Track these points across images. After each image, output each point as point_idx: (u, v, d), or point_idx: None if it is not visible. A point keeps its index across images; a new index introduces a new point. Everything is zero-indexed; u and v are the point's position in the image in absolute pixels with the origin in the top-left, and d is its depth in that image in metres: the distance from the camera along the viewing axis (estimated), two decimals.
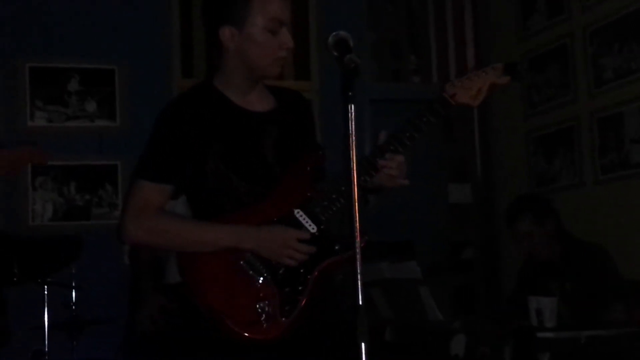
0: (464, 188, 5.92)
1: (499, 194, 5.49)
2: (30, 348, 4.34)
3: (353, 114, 1.91)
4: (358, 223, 1.88)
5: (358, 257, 1.87)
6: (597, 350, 3.12)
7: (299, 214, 2.30)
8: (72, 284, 4.38)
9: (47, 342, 4.24)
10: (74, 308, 4.35)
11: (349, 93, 1.93)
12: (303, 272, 2.27)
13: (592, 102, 4.77)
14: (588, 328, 3.20)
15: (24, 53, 4.90)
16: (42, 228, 4.79)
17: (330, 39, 2.05)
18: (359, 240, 1.88)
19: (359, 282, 1.85)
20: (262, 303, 2.23)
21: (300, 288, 2.26)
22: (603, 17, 4.66)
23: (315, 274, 2.27)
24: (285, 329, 2.23)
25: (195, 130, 2.30)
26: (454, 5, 5.81)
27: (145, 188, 2.30)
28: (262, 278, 2.25)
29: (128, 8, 5.08)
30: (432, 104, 2.39)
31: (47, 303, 4.29)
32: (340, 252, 2.28)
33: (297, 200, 2.32)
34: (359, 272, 1.86)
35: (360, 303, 1.84)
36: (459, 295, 5.77)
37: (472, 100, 2.43)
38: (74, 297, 4.37)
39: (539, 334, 3.17)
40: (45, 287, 4.31)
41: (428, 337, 3.66)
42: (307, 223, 2.29)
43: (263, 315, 2.22)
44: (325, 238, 2.30)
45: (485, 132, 5.72)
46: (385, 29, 5.81)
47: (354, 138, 1.91)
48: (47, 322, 4.27)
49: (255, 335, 2.21)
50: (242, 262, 2.26)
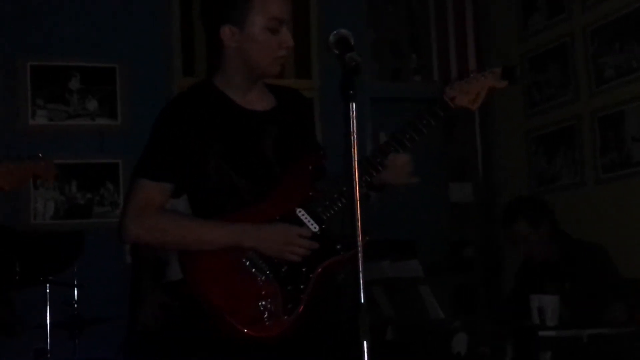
0: (465, 187, 5.91)
1: (500, 194, 5.48)
2: (32, 346, 4.35)
3: (354, 113, 1.91)
4: (360, 222, 1.88)
5: (360, 256, 1.87)
6: (599, 349, 3.12)
7: (301, 213, 2.30)
8: (73, 283, 4.39)
9: (49, 340, 4.25)
10: (76, 307, 4.36)
11: (350, 91, 1.92)
12: (305, 270, 2.27)
13: (592, 101, 4.77)
14: (590, 327, 3.20)
15: (25, 52, 4.90)
16: (43, 226, 4.79)
17: (331, 37, 2.04)
18: (361, 240, 1.88)
19: (361, 280, 1.85)
20: (264, 301, 2.23)
21: (303, 286, 2.26)
22: (603, 16, 4.66)
23: (318, 272, 2.27)
24: (288, 327, 2.23)
25: (196, 129, 2.30)
26: (455, 4, 5.81)
27: (146, 187, 2.30)
28: (264, 276, 2.25)
29: (129, 6, 5.08)
30: (432, 107, 2.39)
31: (49, 302, 4.29)
32: (342, 251, 2.28)
33: (298, 200, 2.31)
34: (361, 270, 1.86)
35: (362, 301, 1.84)
36: (460, 294, 5.77)
37: (470, 104, 2.43)
38: (76, 295, 4.38)
39: (541, 333, 3.17)
40: (47, 285, 4.32)
41: (429, 335, 3.67)
42: (308, 222, 2.29)
43: (265, 313, 2.22)
44: (327, 237, 2.30)
45: (486, 131, 5.72)
46: (386, 28, 5.80)
47: (355, 137, 1.91)
48: (49, 320, 4.27)
49: (258, 333, 2.21)
50: (244, 259, 2.26)
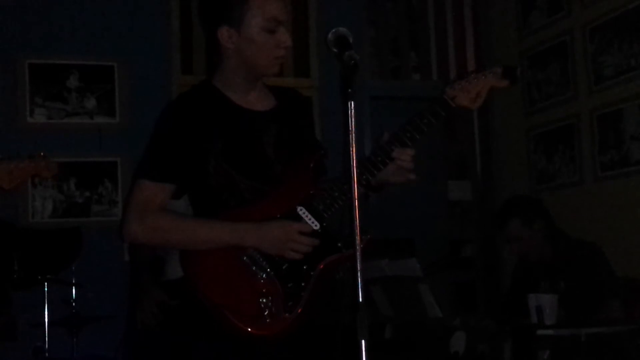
0: (464, 185, 5.92)
1: (499, 192, 5.48)
2: (31, 345, 4.34)
3: (353, 111, 1.91)
4: (358, 221, 1.88)
5: (358, 254, 1.87)
6: (597, 348, 3.12)
7: (302, 211, 2.30)
8: (72, 281, 4.38)
9: (47, 338, 4.24)
10: (74, 305, 4.35)
11: (349, 90, 1.93)
12: (306, 268, 2.27)
13: (592, 99, 4.77)
14: (588, 325, 3.20)
15: (24, 49, 4.89)
16: (41, 225, 4.78)
17: (330, 36, 2.04)
18: (360, 238, 1.88)
19: (359, 279, 1.85)
20: (265, 299, 2.23)
21: (303, 284, 2.26)
22: (603, 14, 4.65)
23: (319, 270, 2.27)
24: (289, 325, 2.23)
25: (196, 130, 2.30)
26: (454, 2, 5.80)
27: (147, 187, 2.30)
28: (265, 274, 2.25)
29: (128, 4, 5.07)
30: (433, 106, 2.39)
31: (47, 300, 4.29)
32: (343, 249, 2.28)
33: (299, 198, 2.32)
34: (359, 269, 1.86)
35: (361, 300, 1.84)
36: (459, 293, 5.77)
37: (471, 104, 2.43)
38: (74, 293, 4.37)
39: (539, 332, 3.17)
40: (46, 284, 4.31)
41: (428, 334, 3.67)
42: (309, 220, 2.29)
43: (266, 311, 2.22)
44: (328, 235, 2.30)
45: (486, 129, 5.71)
46: (385, 26, 5.80)
47: (354, 135, 1.90)
48: (47, 318, 4.27)
49: (259, 331, 2.21)
50: (244, 257, 2.26)
